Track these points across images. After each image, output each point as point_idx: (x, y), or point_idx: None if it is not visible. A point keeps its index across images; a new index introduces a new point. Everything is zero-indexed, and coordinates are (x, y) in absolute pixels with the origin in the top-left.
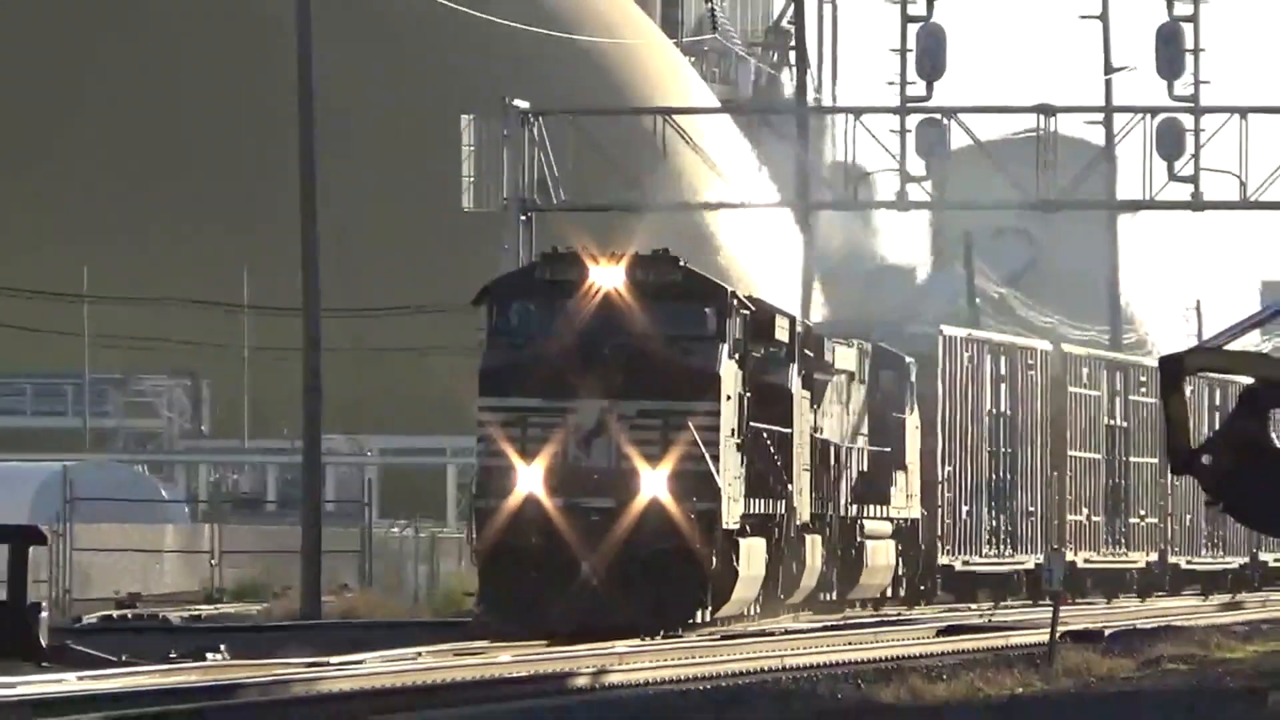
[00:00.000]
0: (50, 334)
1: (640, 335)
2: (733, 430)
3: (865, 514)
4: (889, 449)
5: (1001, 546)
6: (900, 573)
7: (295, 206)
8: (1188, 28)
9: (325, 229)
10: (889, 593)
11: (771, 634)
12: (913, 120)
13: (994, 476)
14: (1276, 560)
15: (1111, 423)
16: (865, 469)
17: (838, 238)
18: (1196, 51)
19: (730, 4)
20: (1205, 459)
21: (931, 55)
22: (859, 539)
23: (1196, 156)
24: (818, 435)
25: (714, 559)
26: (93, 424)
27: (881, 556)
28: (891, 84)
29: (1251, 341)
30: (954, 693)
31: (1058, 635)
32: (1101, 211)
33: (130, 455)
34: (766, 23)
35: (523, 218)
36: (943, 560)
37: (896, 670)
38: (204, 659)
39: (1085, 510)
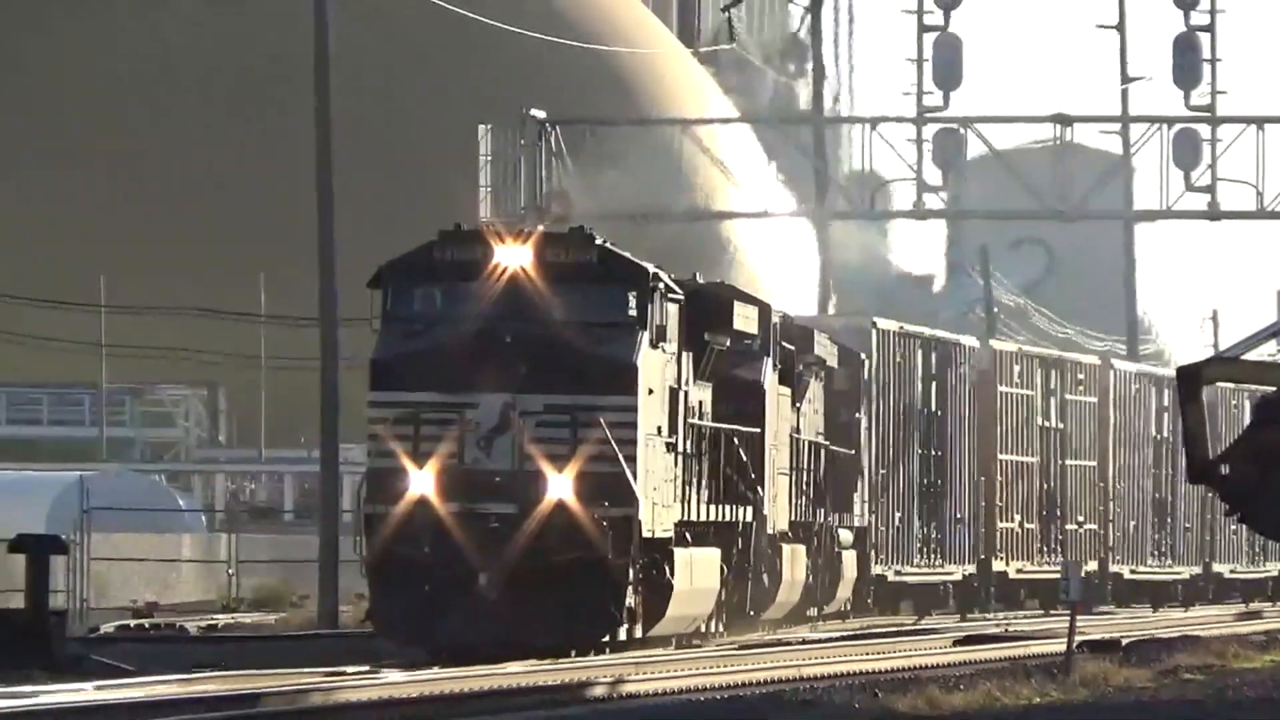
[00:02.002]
0: (67, 344)
1: (548, 321)
2: (659, 428)
3: (841, 522)
4: (853, 451)
5: (931, 556)
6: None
7: (313, 216)
8: (1204, 37)
9: (342, 238)
10: (849, 606)
11: (789, 644)
12: (929, 130)
13: (924, 481)
14: (1232, 571)
15: (1046, 424)
16: (836, 473)
17: (854, 247)
18: (1214, 61)
19: (747, 14)
20: (1223, 469)
21: (948, 65)
22: (837, 549)
23: (1213, 166)
24: (799, 436)
25: (631, 571)
26: (110, 434)
27: (850, 568)
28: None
29: (1268, 351)
30: (971, 703)
31: (1075, 645)
32: (1118, 221)
33: (147, 465)
34: (783, 33)
35: (539, 226)
36: (875, 570)
37: (914, 680)
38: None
39: (1017, 517)
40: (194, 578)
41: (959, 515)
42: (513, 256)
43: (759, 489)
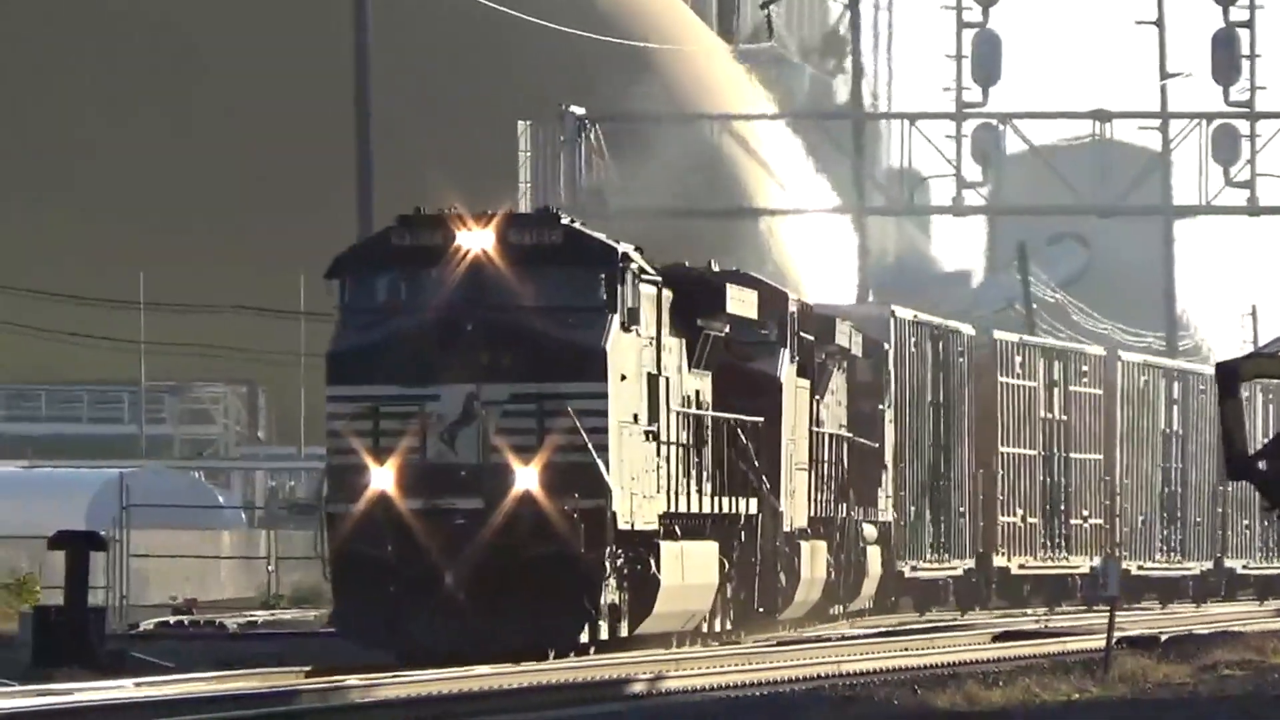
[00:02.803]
0: (107, 342)
1: (512, 307)
2: (635, 416)
3: (864, 517)
4: (876, 444)
5: (940, 551)
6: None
7: (353, 212)
8: (1244, 33)
9: None
10: (872, 603)
11: (827, 640)
12: (968, 126)
13: (934, 474)
14: (1245, 567)
15: (1049, 416)
16: (860, 467)
17: (892, 243)
18: (1253, 57)
19: (786, 11)
20: (1261, 464)
21: (987, 61)
22: (861, 544)
23: (1252, 162)
24: (820, 430)
25: (608, 565)
26: (149, 431)
27: (875, 564)
28: (947, 90)
29: None
30: (1010, 698)
31: (1114, 641)
32: (1157, 217)
33: (187, 462)
34: (823, 29)
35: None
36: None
37: (953, 676)
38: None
39: (1020, 511)
40: (233, 575)
41: (961, 509)
42: (474, 240)
43: (765, 481)
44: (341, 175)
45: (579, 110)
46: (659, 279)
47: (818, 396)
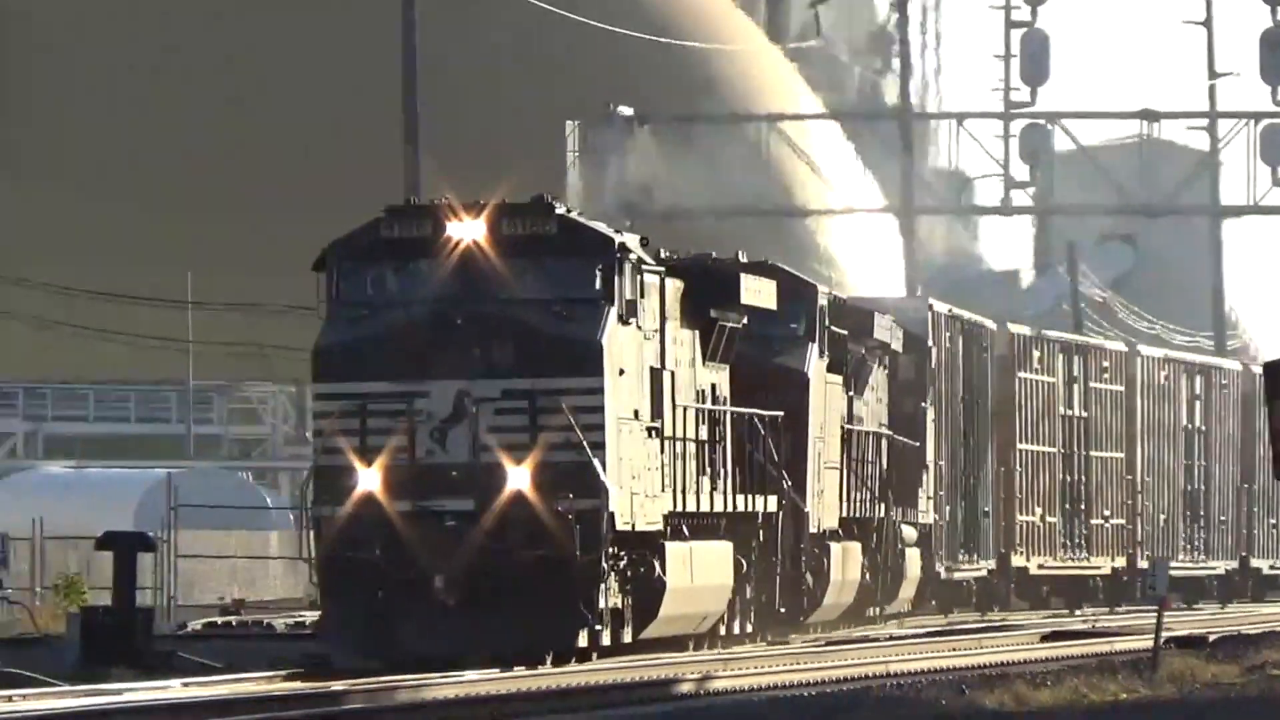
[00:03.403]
0: (155, 342)
1: (504, 300)
2: (636, 412)
3: (904, 518)
4: (917, 444)
5: (970, 552)
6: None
7: None
8: None
9: None
10: (911, 606)
11: (876, 640)
12: (1016, 126)
13: (964, 473)
14: (1273, 567)
15: (1069, 413)
16: (893, 465)
17: (940, 243)
18: None
19: (835, 10)
20: None
21: (1035, 61)
22: (900, 546)
23: None
24: (854, 427)
25: (606, 567)
26: (197, 431)
27: (914, 567)
28: (995, 89)
29: None
30: (1058, 699)
31: (1162, 641)
32: (1205, 216)
33: (235, 462)
34: (870, 29)
35: (627, 223)
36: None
37: (1001, 676)
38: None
39: (1039, 510)
40: (281, 575)
41: (986, 508)
42: (466, 231)
43: (787, 478)
44: (390, 176)
45: (627, 110)
46: (661, 269)
47: (854, 393)
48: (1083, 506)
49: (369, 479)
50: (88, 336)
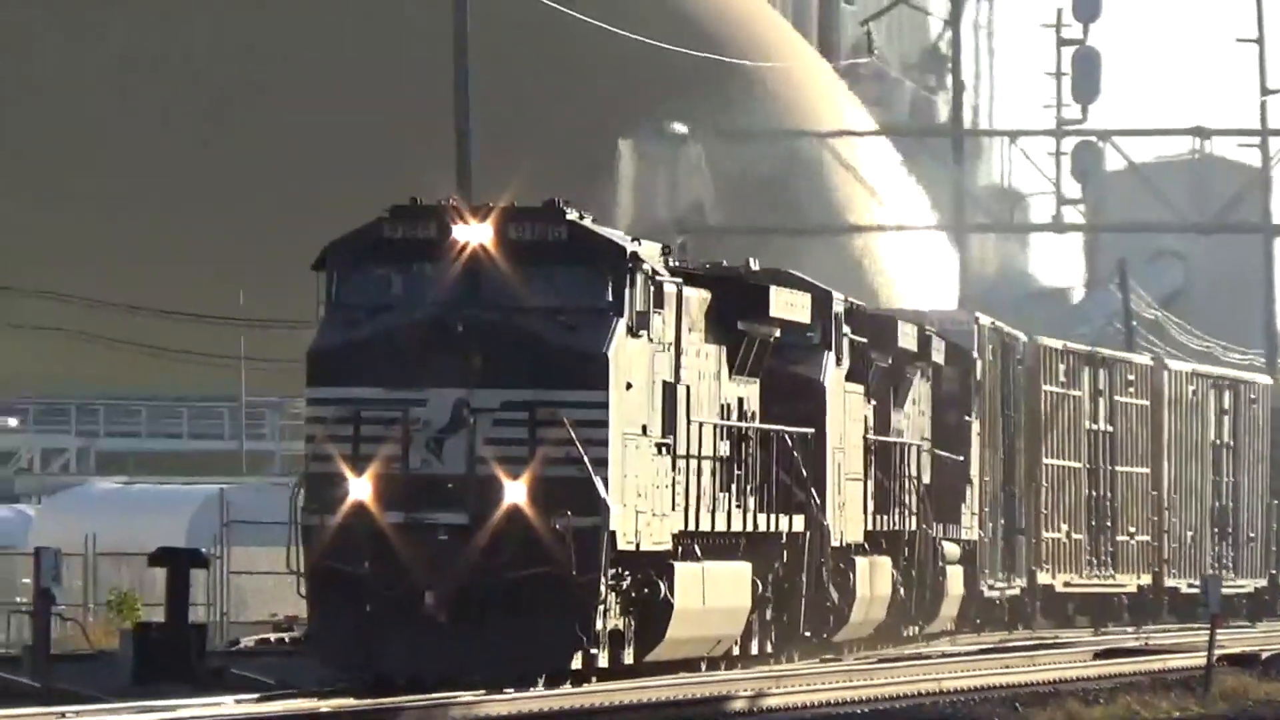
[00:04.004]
0: (207, 358)
1: (508, 307)
2: (644, 427)
3: (945, 534)
4: (960, 458)
5: (1006, 570)
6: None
7: None
8: None
9: None
10: (953, 625)
11: (927, 657)
12: (1068, 143)
13: (1004, 489)
14: None
15: (1094, 427)
16: (936, 480)
17: (992, 260)
18: None
19: (887, 28)
20: None
21: (1086, 78)
22: (940, 563)
23: None
24: (891, 439)
25: (601, 589)
26: (250, 447)
27: (956, 584)
28: (1047, 107)
29: None
30: (1110, 716)
31: (1214, 659)
32: (1257, 234)
33: (288, 478)
34: (923, 46)
35: (679, 239)
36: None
37: (1053, 694)
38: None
39: (1064, 526)
40: None
41: (1021, 525)
42: (471, 234)
43: (814, 495)
44: (441, 190)
45: (680, 127)
46: (679, 280)
47: (892, 405)
48: (1109, 523)
49: (360, 488)
50: (140, 352)
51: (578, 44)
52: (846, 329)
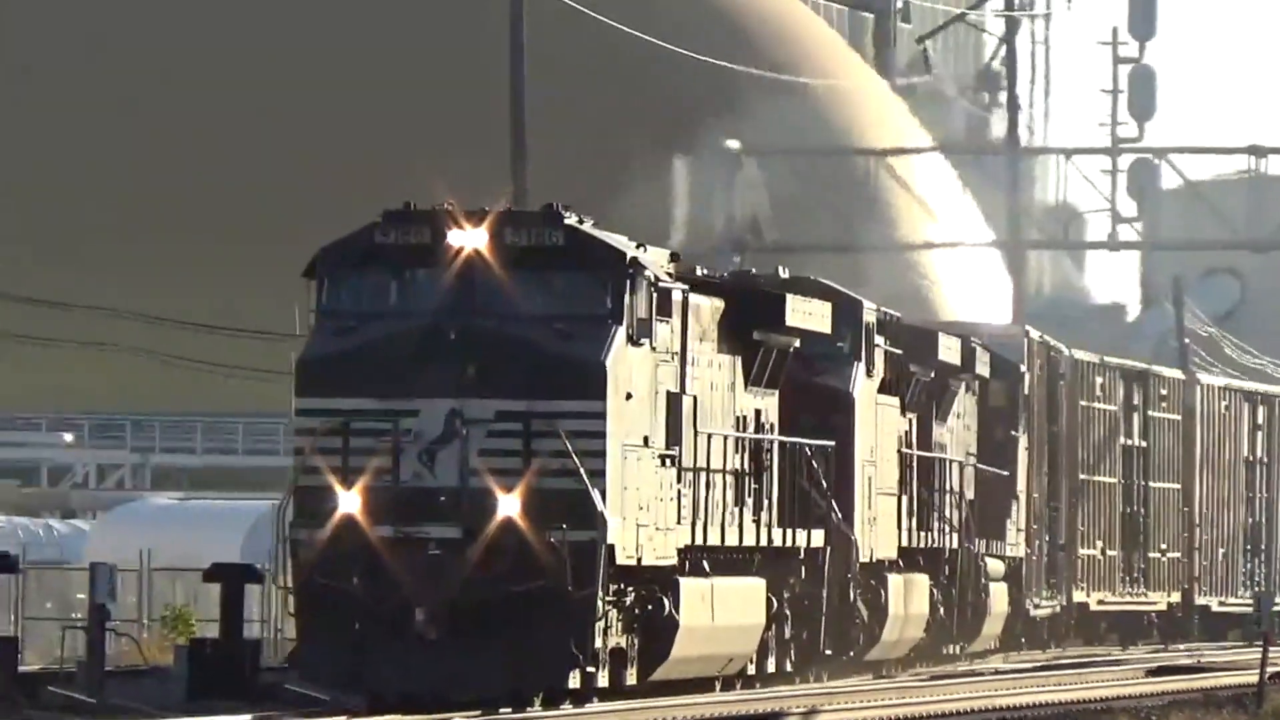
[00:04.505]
0: (262, 373)
1: (503, 315)
2: (646, 439)
3: (989, 550)
4: (1006, 473)
5: (1056, 588)
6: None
7: None
8: None
9: None
10: (997, 643)
11: (981, 674)
12: (1124, 161)
13: (1049, 504)
14: None
15: (1128, 442)
16: (980, 496)
17: (1047, 277)
18: None
19: (942, 46)
20: None
21: (1142, 96)
22: (983, 580)
23: None
24: (917, 452)
25: (599, 605)
26: None
27: (1000, 602)
28: (1103, 125)
29: None
30: None
31: (1267, 676)
32: None
33: None
34: (978, 64)
35: (735, 256)
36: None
37: (1106, 710)
38: None
39: (1099, 543)
40: None
41: (1061, 541)
42: (466, 239)
43: (834, 509)
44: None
45: (735, 144)
46: (685, 287)
47: (917, 415)
48: (1141, 540)
49: (349, 501)
50: (195, 368)
51: (633, 60)
52: (880, 340)
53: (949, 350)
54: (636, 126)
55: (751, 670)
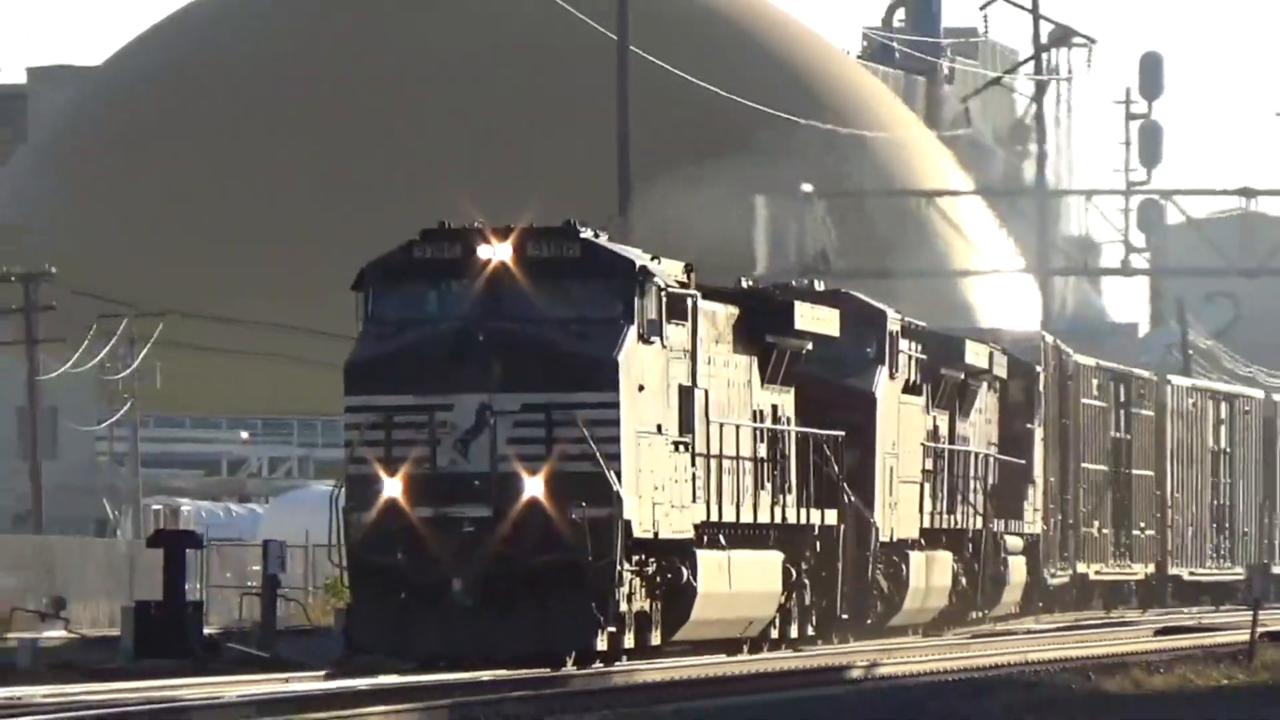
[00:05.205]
0: None
1: (526, 319)
2: (659, 426)
3: (1008, 529)
4: (1023, 461)
5: (1068, 560)
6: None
7: None
8: None
9: None
10: (1018, 609)
11: (1015, 634)
12: (1135, 200)
13: (1061, 490)
14: None
15: (1115, 435)
16: (1000, 481)
17: (1070, 299)
18: None
19: (982, 104)
20: None
21: (1151, 147)
22: (1003, 555)
23: None
24: (957, 446)
25: (617, 573)
26: None
27: (1018, 573)
28: (1117, 170)
29: None
30: (1169, 683)
31: (1257, 635)
32: None
33: None
34: (1011, 119)
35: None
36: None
37: (1120, 664)
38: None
39: (1096, 522)
40: None
41: (1070, 521)
42: (493, 253)
43: (850, 492)
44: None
45: (808, 187)
46: (696, 294)
47: (941, 409)
48: (1126, 520)
49: (393, 486)
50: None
51: (724, 116)
52: (904, 345)
53: (976, 355)
54: (724, 171)
55: (774, 635)
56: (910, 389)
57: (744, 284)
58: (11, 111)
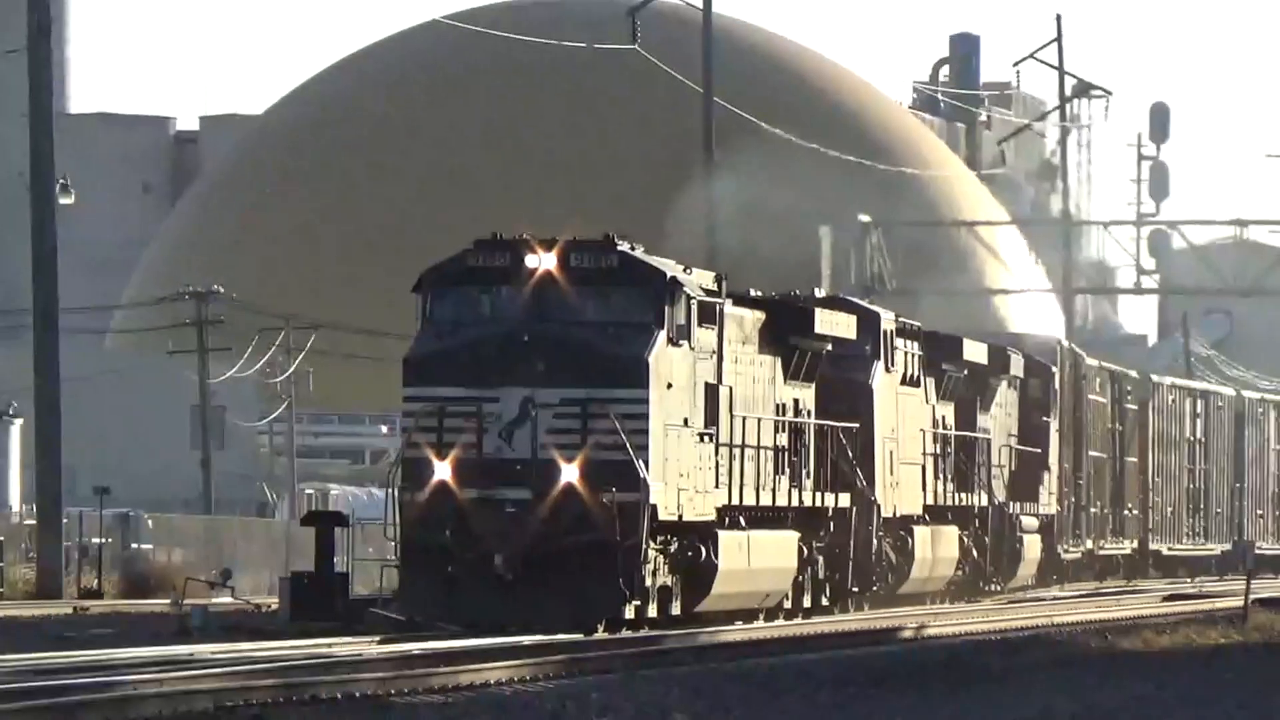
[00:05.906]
0: None
1: (567, 322)
2: (686, 420)
3: (1024, 510)
4: (1039, 450)
5: (1080, 537)
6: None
7: None
8: None
9: None
10: (1034, 581)
11: (1043, 599)
12: (1145, 230)
13: (1075, 475)
14: (1258, 548)
15: (1111, 426)
16: (1018, 467)
17: (1090, 314)
18: None
19: (1015, 146)
20: None
21: (1159, 183)
22: (1018, 532)
23: None
24: (955, 432)
25: (643, 551)
26: None
27: (1034, 549)
28: (1130, 204)
29: None
30: (1175, 642)
31: (1250, 601)
32: None
33: None
34: (1040, 159)
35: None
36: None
37: (1133, 626)
38: None
39: (1099, 503)
40: None
41: (1082, 503)
42: (539, 262)
43: (859, 477)
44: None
45: (866, 218)
46: (722, 301)
47: (961, 405)
48: (1119, 501)
49: (443, 470)
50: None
51: (794, 163)
52: (901, 343)
53: (975, 352)
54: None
55: (789, 606)
56: (910, 382)
57: (751, 294)
58: (187, 153)
